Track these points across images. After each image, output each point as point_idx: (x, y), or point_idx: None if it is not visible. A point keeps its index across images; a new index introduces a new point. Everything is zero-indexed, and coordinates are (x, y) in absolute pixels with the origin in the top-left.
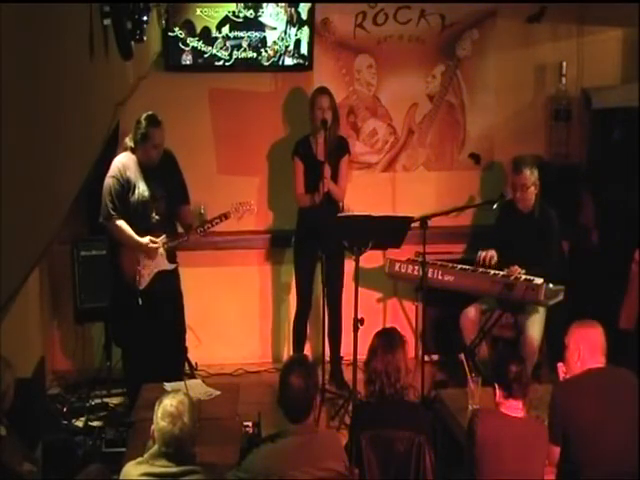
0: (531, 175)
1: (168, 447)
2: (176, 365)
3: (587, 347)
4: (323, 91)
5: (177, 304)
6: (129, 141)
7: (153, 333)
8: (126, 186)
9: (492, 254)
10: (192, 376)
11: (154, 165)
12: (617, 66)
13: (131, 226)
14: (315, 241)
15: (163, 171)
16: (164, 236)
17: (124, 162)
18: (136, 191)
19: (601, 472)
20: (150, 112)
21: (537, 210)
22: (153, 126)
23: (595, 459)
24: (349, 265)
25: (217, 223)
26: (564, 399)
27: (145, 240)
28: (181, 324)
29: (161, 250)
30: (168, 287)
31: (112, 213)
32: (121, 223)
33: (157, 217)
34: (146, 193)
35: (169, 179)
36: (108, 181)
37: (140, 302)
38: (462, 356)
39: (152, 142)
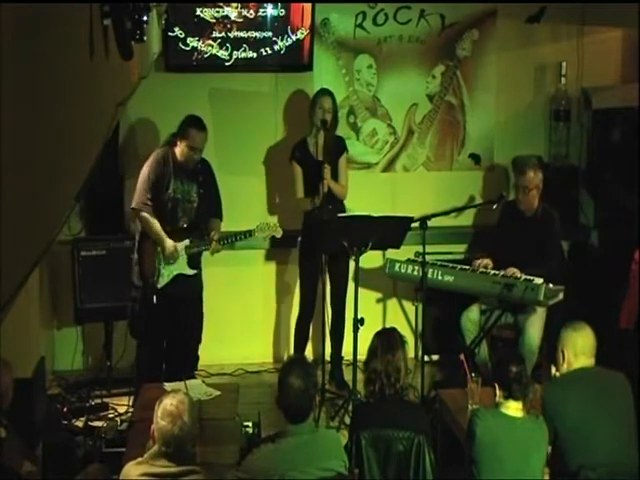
0: (534, 177)
1: (168, 447)
2: (186, 369)
3: (571, 350)
4: (327, 92)
5: (195, 310)
6: (171, 136)
7: (167, 333)
8: (161, 178)
9: (487, 262)
10: (192, 376)
11: (190, 167)
12: (617, 66)
13: (160, 222)
14: (317, 243)
15: (199, 179)
16: (187, 240)
17: (164, 155)
18: (170, 186)
19: (596, 473)
20: (196, 114)
21: (539, 212)
22: (194, 128)
23: (586, 458)
24: (349, 265)
25: (241, 239)
26: (551, 398)
27: (169, 243)
28: (198, 330)
29: (183, 254)
30: (187, 291)
31: (147, 203)
32: (150, 217)
33: (185, 219)
34: (178, 191)
35: (204, 188)
36: (146, 170)
37: (155, 300)
38: (462, 356)
39: (189, 143)
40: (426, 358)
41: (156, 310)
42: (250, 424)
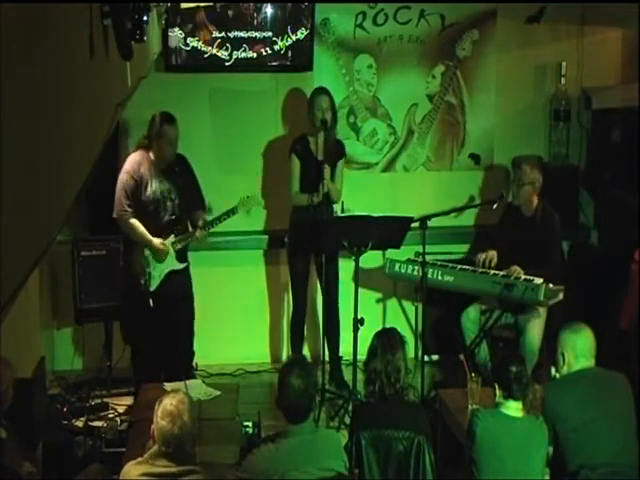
0: (530, 172)
1: (168, 447)
2: (185, 366)
3: (571, 352)
4: (323, 91)
5: (189, 305)
6: (144, 139)
7: (163, 333)
8: (139, 182)
9: (492, 255)
10: (192, 376)
11: (168, 163)
12: (617, 66)
13: (142, 224)
14: (309, 241)
15: (177, 174)
16: (173, 236)
17: (138, 159)
18: (148, 188)
19: (596, 473)
20: (164, 110)
21: (539, 212)
22: (167, 123)
23: (586, 459)
24: (349, 265)
25: (225, 219)
26: (552, 399)
27: (157, 241)
28: (191, 326)
29: (171, 250)
30: (179, 287)
31: (126, 210)
32: (134, 221)
33: (168, 217)
34: (158, 192)
35: (183, 183)
36: (122, 177)
37: (151, 304)
38: (462, 356)
39: (166, 139)
40: (426, 358)
41: (148, 313)
42: (250, 424)
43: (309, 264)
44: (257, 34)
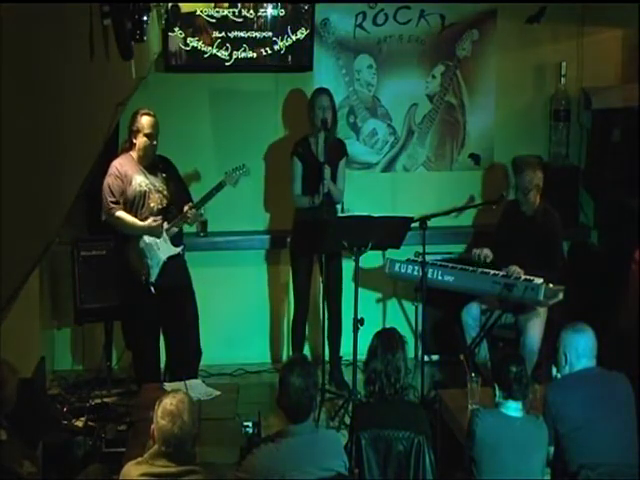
0: (534, 177)
1: (168, 446)
2: (190, 363)
3: (573, 352)
4: (323, 91)
5: (190, 290)
6: (125, 144)
7: (168, 327)
8: (124, 180)
9: (486, 253)
10: (195, 375)
11: (151, 161)
12: (617, 66)
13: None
14: (312, 242)
15: (161, 169)
16: (165, 223)
17: (121, 161)
18: (133, 182)
19: (596, 473)
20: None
21: (540, 213)
22: (146, 117)
23: (587, 459)
24: (349, 265)
25: (214, 195)
26: (554, 399)
27: (147, 221)
28: (195, 320)
29: (164, 236)
30: (179, 272)
31: (112, 206)
32: (121, 213)
33: (158, 206)
34: (143, 184)
35: (168, 177)
36: (107, 179)
37: (153, 291)
38: (462, 356)
39: (144, 131)
40: (426, 358)
41: (154, 304)
42: (250, 424)
43: (312, 265)
44: (257, 34)
